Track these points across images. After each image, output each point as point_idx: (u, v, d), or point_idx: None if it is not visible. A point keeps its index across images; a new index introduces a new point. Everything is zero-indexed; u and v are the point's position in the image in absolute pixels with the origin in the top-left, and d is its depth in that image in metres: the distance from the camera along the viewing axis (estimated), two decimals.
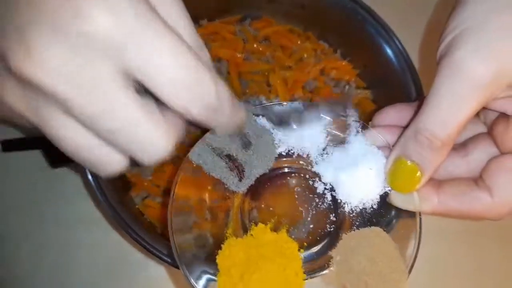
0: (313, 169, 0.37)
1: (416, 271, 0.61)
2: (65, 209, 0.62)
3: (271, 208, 0.38)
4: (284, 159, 0.38)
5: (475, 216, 0.31)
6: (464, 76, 0.27)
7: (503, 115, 0.31)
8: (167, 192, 0.58)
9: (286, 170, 0.39)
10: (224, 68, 0.61)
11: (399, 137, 0.32)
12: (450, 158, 0.32)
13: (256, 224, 0.36)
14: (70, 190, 0.63)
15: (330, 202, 0.36)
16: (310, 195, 0.37)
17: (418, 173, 0.30)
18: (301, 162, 0.38)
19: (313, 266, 0.35)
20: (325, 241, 0.36)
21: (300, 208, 0.37)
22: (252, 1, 0.63)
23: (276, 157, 0.36)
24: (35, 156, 0.63)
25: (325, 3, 0.60)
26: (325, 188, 0.36)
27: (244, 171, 0.36)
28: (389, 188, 0.33)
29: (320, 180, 0.36)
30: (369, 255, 0.33)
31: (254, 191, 0.38)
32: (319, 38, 0.65)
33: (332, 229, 0.36)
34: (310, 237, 0.36)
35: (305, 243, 0.36)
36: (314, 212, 0.37)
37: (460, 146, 0.34)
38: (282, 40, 0.64)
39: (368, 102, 0.62)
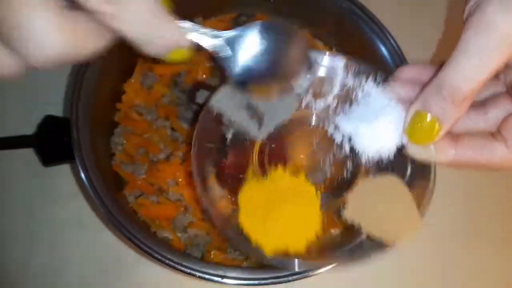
0: (332, 120, 0.37)
1: (413, 272, 0.61)
2: (57, 208, 0.62)
3: (289, 155, 0.39)
4: (304, 110, 0.38)
5: (491, 166, 0.32)
6: (494, 31, 0.27)
7: None
8: (161, 191, 0.57)
9: (305, 120, 0.39)
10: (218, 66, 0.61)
11: (420, 91, 0.32)
12: (469, 114, 0.33)
13: (275, 169, 0.37)
14: (63, 189, 0.63)
15: (348, 152, 0.37)
16: (329, 144, 0.38)
17: (437, 126, 0.30)
18: (320, 112, 0.39)
19: (330, 208, 0.37)
20: (342, 187, 0.38)
21: (318, 156, 0.38)
22: None
23: (296, 107, 0.37)
24: (27, 155, 0.62)
25: (319, 2, 0.60)
26: (343, 139, 0.37)
27: (263, 119, 0.37)
28: (407, 140, 0.33)
29: (338, 130, 0.37)
30: (384, 201, 0.34)
31: (274, 139, 0.39)
32: (313, 36, 0.65)
33: (348, 176, 0.38)
34: (327, 183, 0.38)
35: (322, 188, 0.37)
36: (331, 160, 0.38)
37: (479, 104, 0.35)
38: None
39: None
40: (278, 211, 0.34)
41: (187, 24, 0.27)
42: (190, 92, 0.59)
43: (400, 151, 0.34)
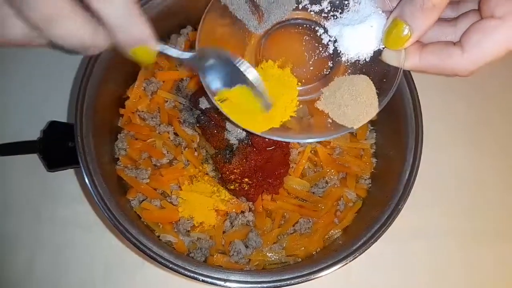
0: (323, 23, 0.42)
1: (413, 271, 0.61)
2: (61, 212, 0.62)
3: (281, 50, 0.44)
4: (300, 11, 0.43)
5: (447, 69, 0.35)
6: None
7: None
8: (165, 195, 0.58)
9: (300, 21, 0.44)
10: None
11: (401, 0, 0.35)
12: (441, 27, 0.37)
13: (266, 61, 0.43)
14: (67, 193, 0.63)
15: (331, 52, 0.42)
16: (316, 44, 0.43)
17: (408, 33, 0.34)
18: (314, 16, 0.43)
19: (306, 97, 0.43)
20: (320, 81, 0.43)
21: (305, 53, 0.43)
22: None
23: (293, 8, 0.42)
24: (32, 160, 0.62)
25: None
26: (329, 40, 0.42)
27: (263, 16, 0.43)
28: (383, 46, 0.38)
29: (327, 32, 0.42)
30: (351, 92, 0.40)
31: (270, 34, 0.44)
32: None
33: (327, 73, 0.43)
34: (309, 77, 0.43)
35: (303, 80, 0.43)
36: (316, 58, 0.43)
37: (452, 19, 0.38)
38: None
39: None
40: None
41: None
42: (193, 98, 0.60)
43: (377, 56, 0.39)
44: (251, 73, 0.37)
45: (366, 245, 0.49)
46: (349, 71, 0.42)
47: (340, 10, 0.42)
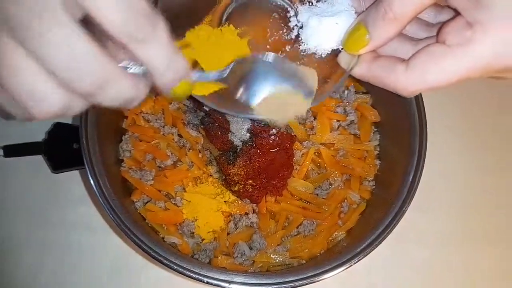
0: (296, 5, 0.42)
1: (418, 274, 0.61)
2: (67, 213, 0.63)
3: (246, 19, 0.43)
4: None
5: (389, 84, 0.35)
6: None
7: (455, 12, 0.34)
8: (169, 197, 0.58)
9: None
10: None
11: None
12: (403, 43, 0.37)
13: (228, 25, 0.42)
14: (72, 195, 0.64)
15: (293, 37, 0.41)
16: (282, 25, 0.42)
17: (367, 39, 0.34)
18: None
19: None
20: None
21: (267, 30, 0.43)
22: None
23: None
24: (37, 161, 0.63)
25: None
26: (296, 25, 0.41)
27: None
28: (342, 48, 0.37)
29: (296, 16, 0.41)
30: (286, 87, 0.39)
31: (243, 3, 0.44)
32: None
33: (281, 56, 0.42)
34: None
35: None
36: (276, 38, 0.42)
37: (418, 39, 0.37)
38: None
39: (367, 106, 0.63)
40: (211, 57, 0.38)
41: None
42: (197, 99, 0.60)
43: (333, 55, 0.38)
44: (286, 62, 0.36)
45: (370, 247, 0.49)
46: (302, 61, 0.41)
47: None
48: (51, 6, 0.22)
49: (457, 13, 0.33)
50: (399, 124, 0.57)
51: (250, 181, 0.56)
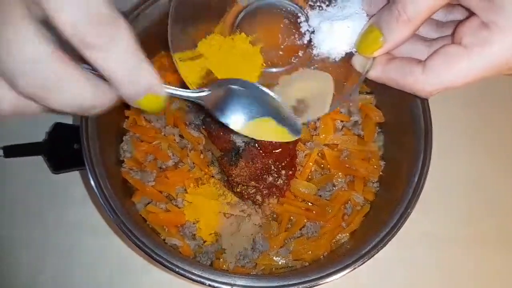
0: (307, 10, 0.42)
1: (422, 277, 0.60)
2: (67, 214, 0.62)
3: (257, 27, 0.43)
4: None
5: (406, 86, 0.35)
6: None
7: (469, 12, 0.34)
8: (170, 198, 0.58)
9: (285, 2, 0.44)
10: None
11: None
12: (415, 44, 0.37)
13: (240, 33, 0.42)
14: (72, 196, 0.63)
15: (305, 42, 0.42)
16: (293, 30, 0.43)
17: (381, 41, 0.34)
18: (300, 1, 0.43)
19: (266, 81, 0.42)
20: (285, 68, 0.43)
21: (280, 36, 0.43)
22: None
23: None
24: (37, 162, 0.62)
25: None
26: (308, 30, 0.41)
27: None
28: (355, 50, 0.37)
29: (307, 21, 0.41)
30: (309, 87, 0.40)
31: (252, 8, 0.44)
32: None
33: (295, 62, 0.42)
34: (275, 61, 0.43)
35: (269, 63, 0.42)
36: (288, 44, 0.43)
37: (430, 40, 0.37)
38: None
39: (371, 107, 0.62)
40: (225, 66, 0.39)
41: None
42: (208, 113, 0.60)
43: (347, 57, 0.39)
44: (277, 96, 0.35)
45: (374, 250, 0.49)
46: (316, 65, 0.41)
47: (327, 2, 0.41)
48: (9, 1, 0.21)
49: (470, 12, 0.33)
50: (403, 125, 0.56)
51: (253, 183, 0.55)
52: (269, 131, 0.38)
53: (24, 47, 0.22)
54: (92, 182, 0.49)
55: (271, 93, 0.36)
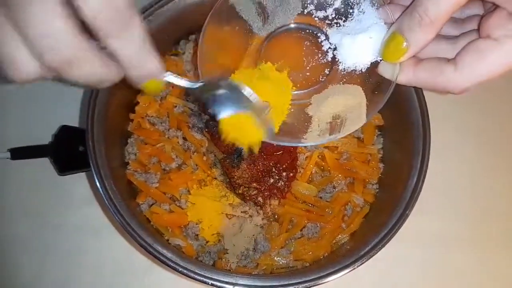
0: (325, 29, 0.43)
1: (421, 277, 0.61)
2: (72, 215, 0.63)
3: (281, 53, 0.44)
4: (304, 16, 0.44)
5: (438, 86, 0.35)
6: None
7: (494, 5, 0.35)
8: (174, 199, 0.59)
9: (303, 26, 0.45)
10: None
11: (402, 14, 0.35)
12: (440, 44, 0.37)
13: (265, 62, 0.43)
14: (78, 197, 0.64)
15: (329, 59, 0.42)
16: (315, 50, 0.43)
17: (405, 46, 0.34)
18: (318, 22, 0.44)
19: (300, 102, 0.43)
20: (315, 87, 0.43)
21: (304, 58, 0.44)
22: None
23: (298, 12, 0.43)
24: (44, 164, 0.64)
25: None
26: (329, 47, 0.42)
27: (268, 18, 0.44)
28: (380, 58, 0.38)
29: (328, 40, 0.42)
30: (342, 101, 0.41)
31: (272, 37, 0.45)
32: None
33: (323, 80, 0.43)
34: (304, 82, 0.44)
35: (298, 85, 0.43)
36: (313, 64, 0.43)
37: (453, 37, 0.38)
38: None
39: None
40: (259, 94, 0.40)
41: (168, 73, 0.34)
42: (202, 103, 0.61)
43: (373, 68, 0.39)
44: (256, 99, 0.37)
45: (373, 250, 0.50)
46: (344, 80, 0.42)
47: (344, 18, 0.42)
48: None
49: (493, 6, 0.34)
50: (402, 127, 0.57)
51: (254, 184, 0.56)
52: (248, 126, 0.39)
53: (53, 21, 0.25)
54: (98, 184, 0.50)
55: (249, 95, 0.37)
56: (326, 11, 0.43)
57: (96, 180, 0.51)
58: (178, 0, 0.57)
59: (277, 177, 0.57)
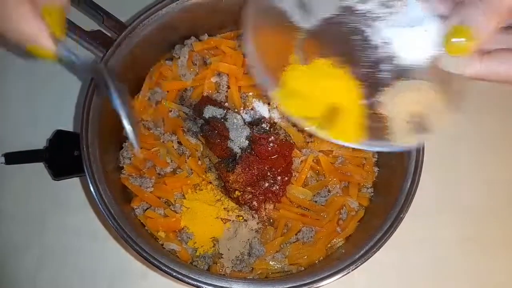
0: (373, 23, 0.40)
1: (416, 280, 0.61)
2: (66, 220, 0.63)
3: (329, 48, 0.42)
4: (345, 10, 0.41)
5: (510, 77, 0.34)
6: None
7: None
8: (168, 204, 0.59)
9: (349, 19, 0.42)
10: (224, 82, 0.63)
11: (456, 5, 0.34)
12: (503, 34, 0.35)
13: (318, 58, 0.41)
14: (72, 201, 0.64)
15: (383, 55, 0.40)
16: (364, 45, 0.40)
17: (471, 37, 0.32)
18: (363, 15, 0.41)
19: (367, 100, 0.40)
20: (372, 85, 0.40)
21: (355, 54, 0.41)
22: None
23: (338, 6, 0.41)
24: (38, 169, 0.63)
25: None
26: (382, 42, 0.40)
27: (310, 9, 0.41)
28: (440, 51, 0.35)
29: (377, 33, 0.40)
30: (414, 99, 0.39)
31: (317, 32, 0.42)
32: None
33: (383, 76, 0.40)
34: (362, 79, 0.40)
35: (360, 83, 0.40)
36: (366, 59, 0.40)
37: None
38: None
39: None
40: (324, 92, 0.38)
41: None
42: (197, 107, 0.61)
43: (432, 60, 0.37)
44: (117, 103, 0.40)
45: (368, 254, 0.50)
46: (405, 75, 0.40)
47: (387, 12, 0.40)
48: None
49: None
50: None
51: (249, 188, 0.56)
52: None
53: None
54: (92, 188, 0.50)
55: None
56: (368, 4, 0.40)
57: (90, 185, 0.50)
58: (173, 5, 0.58)
59: (272, 181, 0.57)
